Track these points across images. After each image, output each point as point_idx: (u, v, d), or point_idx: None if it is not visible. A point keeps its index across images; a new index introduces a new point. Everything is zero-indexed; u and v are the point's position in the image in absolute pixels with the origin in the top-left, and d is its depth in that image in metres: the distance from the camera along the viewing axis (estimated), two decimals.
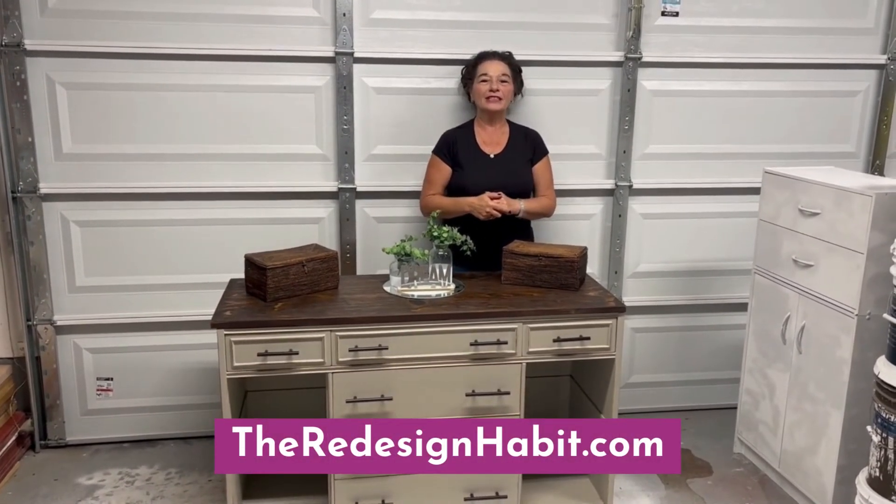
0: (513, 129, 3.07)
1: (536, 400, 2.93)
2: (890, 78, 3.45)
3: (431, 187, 3.02)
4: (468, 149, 2.99)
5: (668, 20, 3.28)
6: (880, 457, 2.30)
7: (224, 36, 3.02)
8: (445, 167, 2.99)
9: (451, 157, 2.99)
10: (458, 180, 2.96)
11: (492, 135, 3.02)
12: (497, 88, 2.93)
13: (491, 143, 3.01)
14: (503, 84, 2.94)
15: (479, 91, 2.96)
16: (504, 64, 2.98)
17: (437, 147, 3.02)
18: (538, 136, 3.08)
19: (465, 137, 3.01)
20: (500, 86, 2.93)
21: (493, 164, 2.98)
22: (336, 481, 2.60)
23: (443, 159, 3.00)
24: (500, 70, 2.95)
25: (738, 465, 3.22)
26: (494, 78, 2.93)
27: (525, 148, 3.03)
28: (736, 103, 3.40)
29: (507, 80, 2.96)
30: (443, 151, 3.00)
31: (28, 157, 3.00)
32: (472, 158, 2.98)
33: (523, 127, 3.11)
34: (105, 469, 3.12)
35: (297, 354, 2.48)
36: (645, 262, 3.51)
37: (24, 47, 2.90)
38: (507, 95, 2.97)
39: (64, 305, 3.17)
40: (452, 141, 3.00)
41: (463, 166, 2.97)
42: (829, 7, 3.38)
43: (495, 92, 2.93)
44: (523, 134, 3.07)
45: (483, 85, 2.94)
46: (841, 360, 2.66)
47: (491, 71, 2.94)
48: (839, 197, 2.65)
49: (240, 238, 3.12)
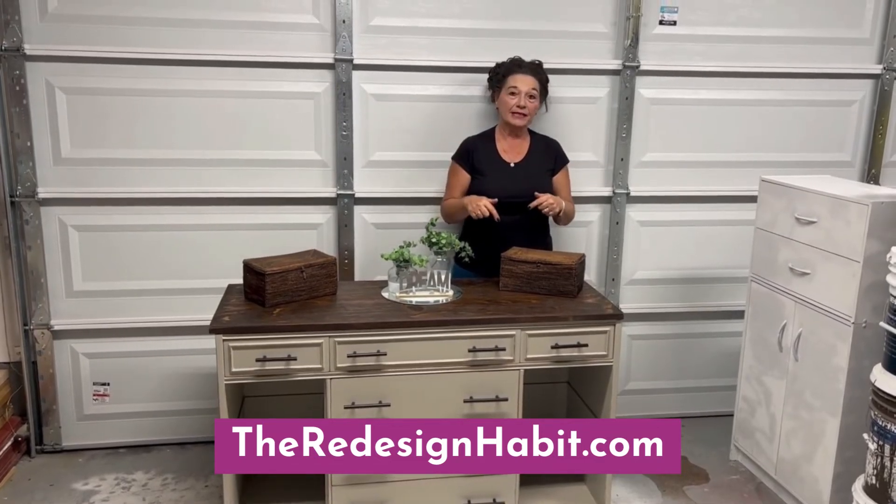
0: (534, 137, 3.08)
1: (534, 407, 2.93)
2: (885, 87, 3.48)
3: (449, 192, 3.05)
4: (488, 157, 3.00)
5: (665, 29, 3.30)
6: (877, 464, 2.31)
7: (224, 42, 3.03)
8: (463, 173, 3.01)
9: (470, 164, 3.00)
10: (478, 187, 2.97)
11: (512, 144, 3.03)
12: (524, 105, 2.93)
13: (511, 151, 3.02)
14: (531, 100, 2.94)
15: (506, 103, 2.95)
16: (535, 79, 2.96)
17: (456, 153, 3.05)
18: (559, 145, 3.10)
19: (485, 145, 3.02)
20: (528, 102, 2.93)
21: (514, 172, 2.99)
22: (333, 487, 2.60)
23: (462, 166, 3.01)
24: (531, 85, 2.94)
25: (735, 473, 3.23)
26: (523, 94, 2.93)
27: (546, 157, 3.05)
28: (733, 112, 3.42)
29: (535, 95, 2.96)
30: (462, 158, 3.02)
31: (27, 161, 3.00)
32: (493, 166, 2.99)
33: (544, 136, 3.12)
34: (101, 474, 3.11)
35: (295, 360, 2.48)
36: (642, 270, 3.52)
37: (24, 52, 2.91)
38: (532, 111, 2.97)
39: (61, 310, 3.16)
40: (472, 148, 3.01)
41: (484, 174, 2.98)
42: (826, 17, 3.40)
43: (522, 109, 2.93)
44: (544, 143, 3.08)
45: (511, 98, 2.94)
46: (837, 367, 2.67)
47: (521, 86, 2.93)
48: (836, 205, 2.67)
49: (238, 243, 3.12)
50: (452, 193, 3.03)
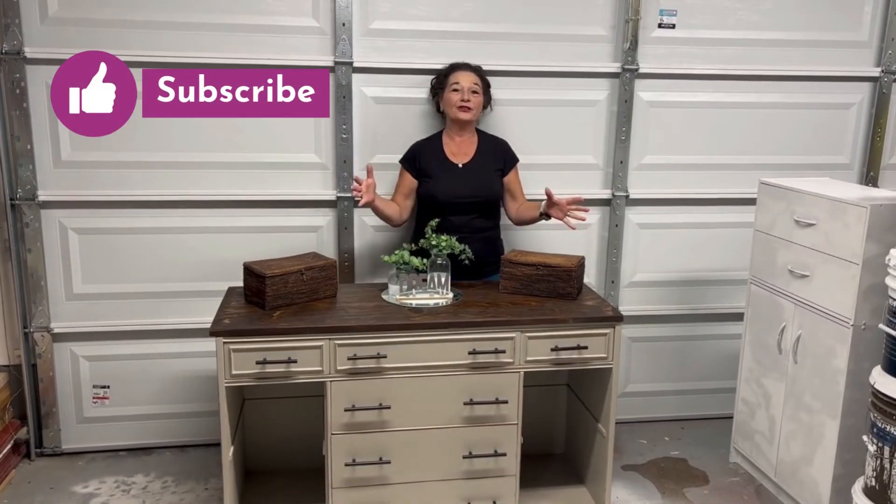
0: (482, 138, 3.09)
1: (533, 409, 2.94)
2: (884, 90, 3.49)
3: (395, 193, 3.08)
4: (435, 159, 3.02)
5: (664, 32, 3.31)
6: (876, 466, 2.31)
7: (224, 45, 3.03)
8: (408, 177, 3.04)
9: (416, 168, 3.03)
10: (427, 190, 3.00)
11: (460, 145, 3.05)
12: (468, 98, 2.96)
13: (459, 152, 3.04)
14: (474, 95, 2.98)
15: (449, 100, 2.99)
16: (475, 75, 3.01)
17: (403, 157, 3.07)
18: (507, 144, 3.11)
19: (431, 148, 3.05)
20: (471, 96, 2.97)
21: (462, 173, 3.01)
22: (333, 490, 2.60)
23: (407, 169, 3.04)
24: (472, 80, 2.99)
25: (734, 475, 3.23)
26: (466, 88, 2.96)
27: (495, 157, 3.06)
28: (732, 115, 3.43)
29: (477, 90, 2.99)
30: (408, 162, 3.05)
31: (27, 164, 3.00)
32: (440, 168, 3.01)
33: (492, 136, 3.13)
34: (101, 477, 3.11)
35: (295, 363, 2.48)
36: (641, 272, 3.52)
37: (24, 55, 2.91)
38: (477, 106, 3.00)
39: (61, 313, 3.16)
40: (418, 152, 3.04)
41: (431, 176, 3.00)
42: (824, 20, 3.41)
43: (466, 102, 2.96)
44: (492, 143, 3.10)
45: (454, 94, 2.97)
46: (836, 369, 2.68)
47: (462, 81, 2.97)
48: (834, 208, 2.67)
49: (238, 246, 3.12)
50: (396, 193, 3.06)
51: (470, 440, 2.65)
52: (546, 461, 3.14)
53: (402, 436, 2.60)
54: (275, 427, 2.98)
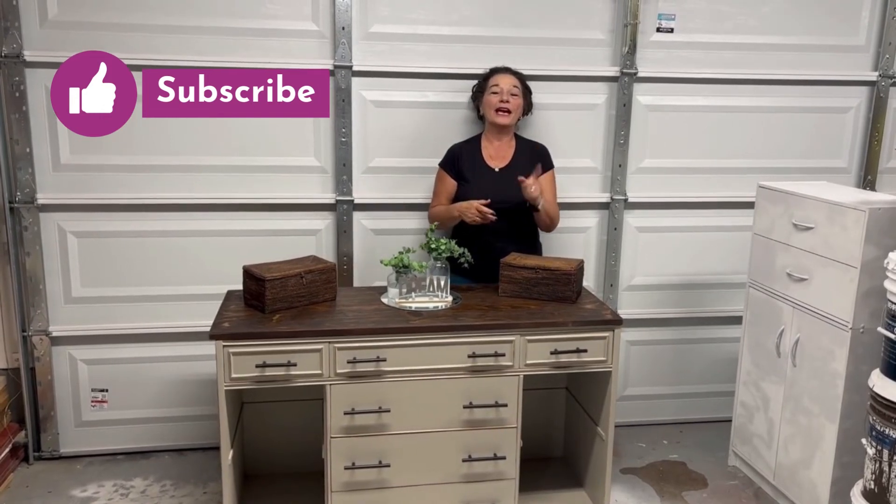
0: (520, 142, 3.09)
1: (533, 413, 2.94)
2: (881, 94, 3.50)
3: (436, 199, 3.06)
4: (473, 162, 3.01)
5: (663, 36, 3.31)
6: (875, 469, 2.31)
7: (223, 49, 3.03)
8: (450, 180, 3.02)
9: (456, 170, 3.01)
10: (463, 194, 2.98)
11: (498, 149, 3.04)
12: (507, 100, 2.95)
13: (497, 156, 3.03)
14: (513, 97, 2.97)
15: (489, 102, 2.98)
16: (515, 78, 3.01)
17: (443, 160, 3.06)
18: (546, 150, 3.10)
19: (470, 151, 3.04)
20: (511, 98, 2.96)
21: (498, 178, 2.99)
22: (333, 493, 2.59)
23: (447, 172, 3.03)
24: (511, 83, 2.98)
25: (733, 478, 3.23)
26: (505, 90, 2.96)
27: (531, 162, 3.04)
28: (730, 118, 3.44)
29: (517, 93, 2.99)
30: (448, 165, 3.03)
31: (26, 167, 3.00)
32: (477, 172, 3.00)
33: (531, 141, 3.13)
34: (99, 481, 3.10)
35: (295, 366, 2.48)
36: (640, 275, 3.53)
37: (24, 58, 2.91)
38: (516, 109, 2.99)
39: (59, 316, 3.16)
40: (458, 155, 3.03)
41: (468, 180, 2.99)
42: (822, 25, 3.42)
43: (505, 103, 2.95)
44: (530, 148, 3.09)
45: (493, 97, 2.97)
46: (835, 373, 2.68)
47: (502, 83, 2.97)
48: (833, 211, 2.68)
49: (238, 249, 3.12)
50: (439, 200, 3.04)
51: (469, 443, 2.64)
52: (545, 464, 3.14)
53: (401, 439, 2.60)
54: (274, 430, 2.98)
